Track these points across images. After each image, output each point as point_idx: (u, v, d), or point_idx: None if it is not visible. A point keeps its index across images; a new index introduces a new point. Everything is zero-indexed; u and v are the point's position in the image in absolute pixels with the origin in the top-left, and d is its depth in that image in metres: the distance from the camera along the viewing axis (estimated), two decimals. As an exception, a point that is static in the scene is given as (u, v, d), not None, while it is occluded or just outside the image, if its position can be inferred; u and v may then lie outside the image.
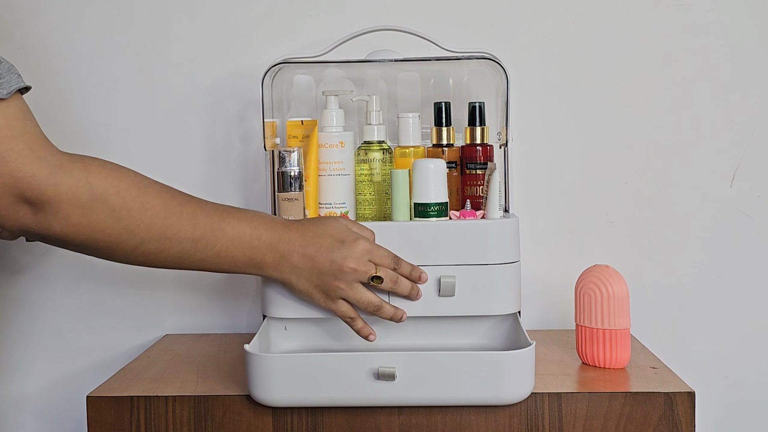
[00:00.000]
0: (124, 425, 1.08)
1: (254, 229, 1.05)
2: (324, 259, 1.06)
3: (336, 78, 1.35)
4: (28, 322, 1.44)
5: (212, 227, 1.02)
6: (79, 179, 0.92)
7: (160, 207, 0.98)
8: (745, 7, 1.39)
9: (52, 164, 0.92)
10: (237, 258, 1.04)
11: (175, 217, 0.99)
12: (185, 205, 1.01)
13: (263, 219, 1.06)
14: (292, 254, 1.06)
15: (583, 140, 1.40)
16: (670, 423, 1.05)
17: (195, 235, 1.00)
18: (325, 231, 1.08)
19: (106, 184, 0.94)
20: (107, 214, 0.94)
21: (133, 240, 0.97)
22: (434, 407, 1.06)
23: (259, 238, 1.05)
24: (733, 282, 1.41)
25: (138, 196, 0.96)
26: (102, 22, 1.40)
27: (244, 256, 1.04)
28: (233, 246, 1.03)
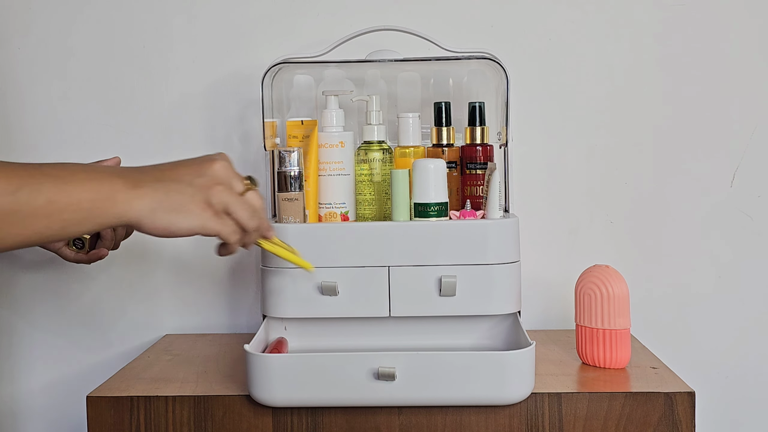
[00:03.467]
0: (124, 425, 1.08)
1: (84, 165, 0.87)
2: (187, 172, 0.90)
3: (336, 78, 1.35)
4: (28, 322, 1.44)
5: (30, 173, 0.82)
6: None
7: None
8: (744, 7, 1.39)
9: None
10: (80, 197, 0.83)
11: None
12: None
13: (87, 163, 0.88)
14: (146, 177, 0.87)
15: (583, 140, 1.40)
16: (670, 423, 1.05)
17: (10, 185, 0.80)
18: (178, 161, 0.93)
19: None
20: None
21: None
22: (434, 407, 1.06)
23: (94, 169, 0.86)
24: (733, 282, 1.41)
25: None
26: (102, 22, 1.41)
27: (87, 191, 0.84)
28: (66, 184, 0.83)
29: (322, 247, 1.13)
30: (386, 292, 1.14)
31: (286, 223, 1.15)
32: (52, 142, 1.41)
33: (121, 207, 0.86)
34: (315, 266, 1.10)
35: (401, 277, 1.13)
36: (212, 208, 0.90)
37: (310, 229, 1.15)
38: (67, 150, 1.41)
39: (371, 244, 1.13)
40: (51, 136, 1.41)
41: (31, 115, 1.41)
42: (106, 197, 0.85)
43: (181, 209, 0.88)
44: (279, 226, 1.15)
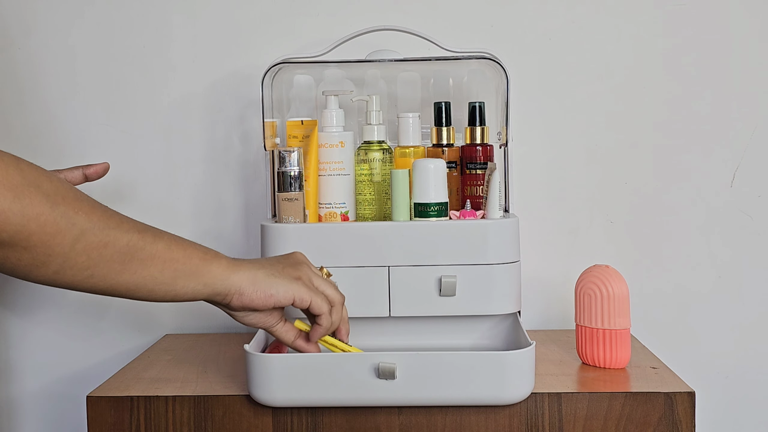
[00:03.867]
0: (124, 425, 1.08)
1: (190, 241, 0.95)
2: (274, 257, 1.03)
3: (336, 78, 1.35)
4: (28, 322, 1.44)
5: (149, 226, 0.91)
6: (9, 164, 0.79)
7: (94, 201, 0.86)
8: (744, 7, 1.39)
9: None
10: (191, 252, 0.92)
11: (111, 212, 0.87)
12: (113, 210, 0.89)
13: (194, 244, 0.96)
14: (241, 260, 0.99)
15: (583, 140, 1.40)
16: (670, 423, 1.05)
17: (138, 225, 0.89)
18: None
19: (37, 173, 0.81)
20: (41, 198, 0.80)
21: (72, 230, 0.82)
22: (434, 407, 1.06)
23: (201, 246, 0.96)
24: (733, 282, 1.41)
25: (70, 188, 0.84)
26: (102, 22, 1.41)
27: (197, 249, 0.94)
28: (180, 240, 0.92)
29: (322, 247, 1.13)
30: (386, 292, 1.14)
31: (286, 223, 1.15)
32: (52, 141, 1.41)
33: (226, 273, 0.96)
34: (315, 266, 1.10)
35: (401, 277, 1.13)
36: (302, 281, 1.00)
37: (310, 229, 1.15)
38: (67, 150, 1.41)
39: (371, 244, 1.13)
40: (51, 135, 1.41)
41: (32, 114, 1.41)
42: (212, 259, 0.95)
43: (278, 276, 0.98)
44: (279, 226, 1.15)
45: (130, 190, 1.42)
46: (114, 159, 1.41)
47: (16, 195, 0.78)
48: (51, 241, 0.81)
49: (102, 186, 1.41)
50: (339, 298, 1.03)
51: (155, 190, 1.42)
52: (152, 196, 1.42)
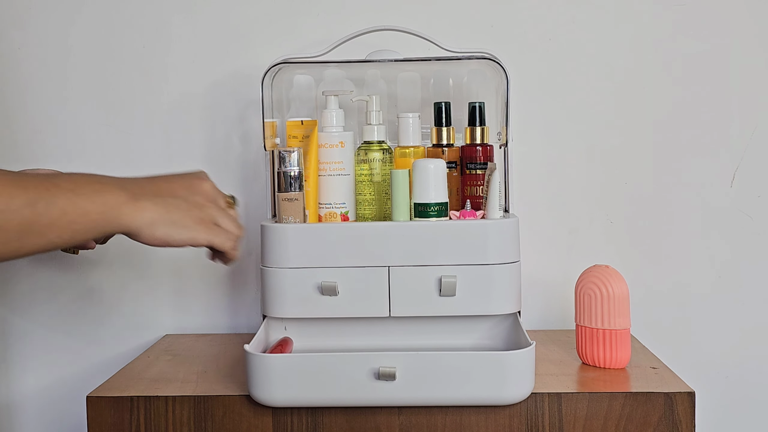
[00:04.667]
0: (124, 425, 1.08)
1: (90, 176, 0.93)
2: (182, 188, 0.99)
3: (336, 78, 1.35)
4: (28, 322, 1.44)
5: (45, 185, 0.88)
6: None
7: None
8: (745, 7, 1.39)
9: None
10: (89, 209, 0.90)
11: (2, 186, 0.84)
12: (7, 173, 0.87)
13: (91, 173, 0.95)
14: (145, 190, 0.95)
15: (583, 140, 1.40)
16: (670, 423, 1.05)
17: (29, 197, 0.85)
18: (167, 175, 1.02)
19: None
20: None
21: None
22: (434, 407, 1.06)
23: (100, 181, 0.92)
24: (733, 282, 1.41)
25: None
26: (102, 22, 1.41)
27: (95, 203, 0.90)
28: (77, 196, 0.89)
29: (322, 247, 1.13)
30: (386, 292, 1.13)
31: (286, 223, 1.15)
32: (52, 141, 1.41)
33: (125, 219, 0.93)
34: (315, 266, 1.10)
35: (401, 277, 1.13)
36: (204, 223, 0.99)
37: (310, 229, 1.15)
38: (67, 149, 1.41)
39: (371, 244, 1.13)
40: (51, 135, 1.41)
41: (31, 114, 1.41)
42: (111, 208, 0.92)
43: (178, 223, 0.97)
44: (279, 226, 1.15)
45: (130, 190, 1.42)
46: (113, 159, 1.42)
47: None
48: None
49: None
50: (238, 231, 1.02)
51: (155, 190, 1.42)
52: (152, 196, 1.42)
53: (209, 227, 0.99)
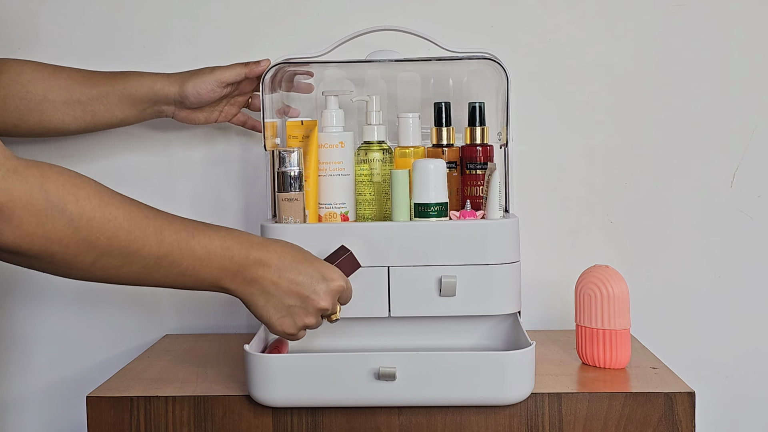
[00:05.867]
0: (124, 425, 1.08)
1: (227, 249, 0.99)
2: (301, 289, 1.03)
3: (336, 78, 1.35)
4: (28, 322, 1.44)
5: (180, 244, 0.95)
6: (34, 185, 0.83)
7: (124, 218, 0.90)
8: (744, 7, 1.39)
9: (5, 168, 0.82)
10: (204, 278, 0.99)
11: (140, 231, 0.92)
12: (152, 218, 0.93)
13: (238, 238, 1.01)
14: (266, 278, 1.02)
15: (583, 140, 1.40)
16: (670, 423, 1.05)
17: (161, 251, 0.94)
18: (305, 258, 1.05)
19: (63, 192, 0.86)
20: (65, 224, 0.86)
21: (92, 253, 0.89)
22: (434, 407, 1.06)
23: (231, 259, 0.99)
24: (733, 282, 1.41)
25: (99, 206, 0.88)
26: (102, 22, 1.40)
27: (212, 276, 0.99)
28: (201, 265, 0.97)
29: (323, 247, 1.13)
30: (386, 292, 1.13)
31: (286, 223, 1.15)
32: (52, 141, 1.41)
33: (231, 291, 1.02)
34: None
35: (401, 277, 1.13)
36: (294, 327, 1.05)
37: (310, 229, 1.15)
38: (69, 150, 1.41)
39: (371, 244, 1.13)
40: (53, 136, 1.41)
41: (31, 115, 1.41)
42: (222, 288, 1.01)
43: (269, 317, 1.04)
44: (279, 226, 1.15)
45: (130, 190, 1.42)
46: (114, 159, 1.42)
47: (39, 220, 0.84)
48: (72, 260, 0.88)
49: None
50: (309, 329, 1.08)
51: (155, 191, 1.42)
52: (152, 196, 1.41)
53: (290, 328, 1.04)
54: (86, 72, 1.26)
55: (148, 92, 1.25)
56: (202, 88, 1.25)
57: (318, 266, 1.05)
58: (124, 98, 1.25)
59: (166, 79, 1.26)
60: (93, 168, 1.41)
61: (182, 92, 1.25)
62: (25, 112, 1.23)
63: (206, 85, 1.25)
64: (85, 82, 1.25)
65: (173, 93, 1.25)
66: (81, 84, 1.24)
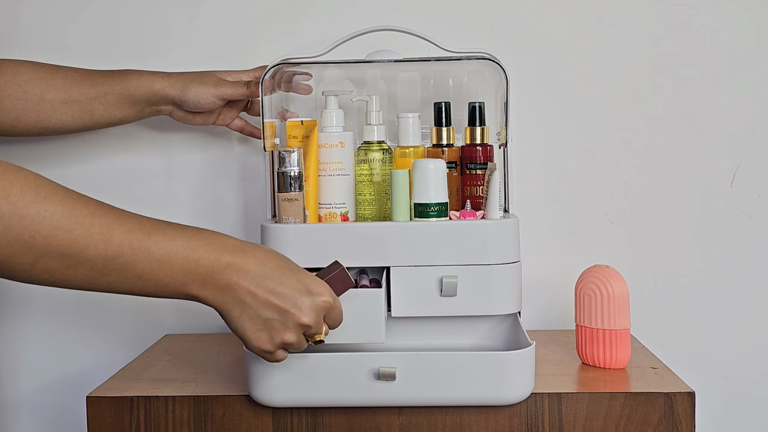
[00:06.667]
0: (124, 425, 1.08)
1: (191, 250, 0.90)
2: (281, 302, 0.93)
3: (336, 78, 1.35)
4: (27, 321, 1.44)
5: (132, 245, 0.86)
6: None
7: (63, 215, 0.82)
8: (744, 8, 1.39)
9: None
10: (166, 283, 0.89)
11: (83, 229, 0.83)
12: (98, 216, 0.84)
13: (207, 239, 0.91)
14: (241, 286, 0.92)
15: (583, 140, 1.40)
16: (670, 423, 1.05)
17: (108, 252, 0.84)
18: (289, 267, 0.95)
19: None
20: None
21: (29, 254, 0.81)
22: (434, 407, 1.06)
23: (197, 262, 0.90)
24: (733, 282, 1.41)
25: (34, 202, 0.80)
26: (101, 22, 1.40)
27: (175, 281, 0.90)
28: (160, 269, 0.88)
29: (322, 247, 1.13)
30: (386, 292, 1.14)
31: (286, 223, 1.15)
32: (52, 141, 1.41)
33: (204, 301, 0.94)
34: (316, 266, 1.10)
35: (401, 277, 1.13)
36: (271, 344, 0.95)
37: (310, 229, 1.15)
38: (67, 150, 1.41)
39: (371, 244, 1.13)
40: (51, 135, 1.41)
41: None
42: (191, 296, 0.92)
43: (243, 330, 0.94)
44: (279, 226, 1.15)
45: (130, 190, 1.42)
46: (113, 159, 1.42)
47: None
48: (9, 261, 0.81)
49: (101, 186, 1.41)
50: (291, 350, 0.98)
51: (154, 191, 1.42)
52: (152, 196, 1.42)
53: (267, 344, 0.95)
54: (84, 71, 1.26)
55: (147, 92, 1.25)
56: (203, 99, 1.25)
57: (303, 278, 0.95)
58: (122, 98, 1.25)
59: (166, 80, 1.26)
60: (92, 168, 1.41)
61: (182, 97, 1.25)
62: (23, 112, 1.23)
63: (207, 98, 1.25)
64: (83, 81, 1.25)
65: (173, 95, 1.25)
66: (79, 84, 1.24)
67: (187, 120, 1.30)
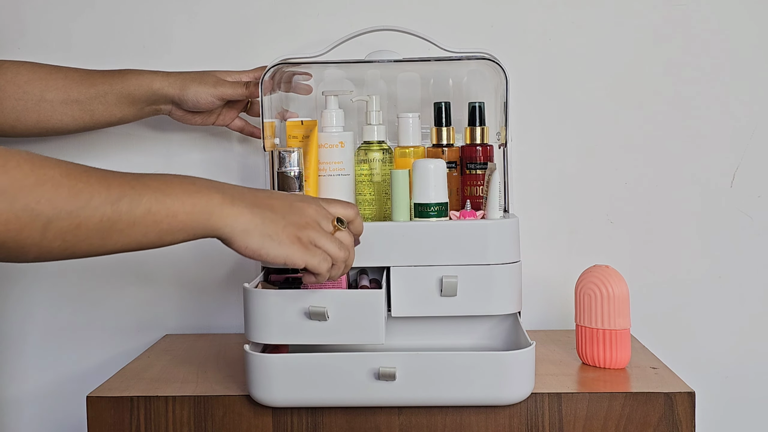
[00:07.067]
0: (124, 425, 1.08)
1: (183, 177, 0.90)
2: (281, 205, 0.95)
3: (336, 78, 1.35)
4: (27, 321, 1.44)
5: (131, 183, 0.86)
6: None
7: (62, 175, 0.81)
8: (744, 8, 1.39)
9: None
10: (176, 210, 0.88)
11: (83, 183, 0.82)
12: (92, 170, 0.85)
13: (186, 175, 0.92)
14: (243, 197, 0.93)
15: (583, 140, 1.40)
16: (670, 423, 1.05)
17: (111, 195, 0.84)
18: (270, 190, 0.99)
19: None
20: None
21: (37, 221, 0.79)
22: (434, 407, 1.06)
23: (194, 183, 0.90)
24: (733, 282, 1.41)
25: (32, 170, 0.80)
26: (102, 22, 1.41)
27: (184, 204, 0.88)
28: (165, 196, 0.87)
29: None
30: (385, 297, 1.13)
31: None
32: (52, 141, 1.41)
33: (216, 221, 0.90)
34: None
35: (401, 278, 1.13)
36: (301, 242, 0.94)
37: (310, 229, 1.14)
38: (68, 150, 1.41)
39: (371, 244, 1.13)
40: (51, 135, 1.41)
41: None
42: (201, 210, 0.89)
43: (274, 238, 0.93)
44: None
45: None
46: (112, 159, 1.42)
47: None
48: (18, 236, 0.79)
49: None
50: (341, 254, 0.98)
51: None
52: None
53: (306, 247, 0.95)
54: (84, 71, 1.26)
55: (146, 91, 1.25)
56: (202, 98, 1.25)
57: (288, 194, 1.00)
58: (122, 98, 1.25)
59: (166, 79, 1.26)
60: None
61: (182, 96, 1.25)
62: (23, 112, 1.23)
63: (206, 97, 1.26)
64: (83, 81, 1.25)
65: (172, 94, 1.25)
66: (79, 84, 1.24)
67: (187, 120, 1.30)
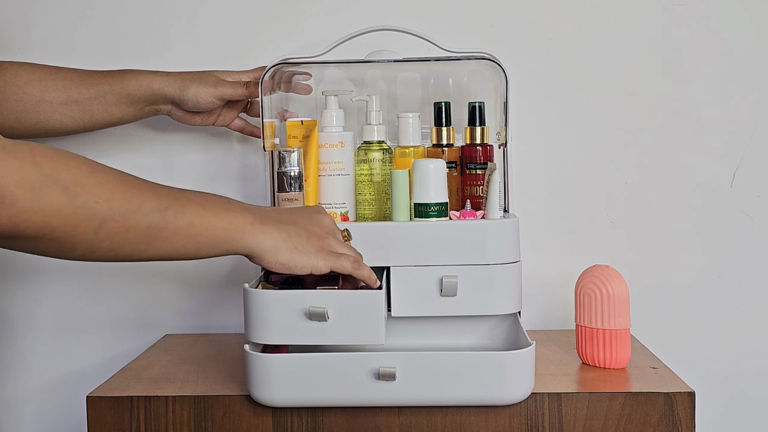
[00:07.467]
0: (124, 425, 1.08)
1: (219, 197, 1.00)
2: (303, 219, 1.05)
3: (336, 78, 1.35)
4: (27, 322, 1.44)
5: (176, 195, 0.94)
6: (25, 160, 0.82)
7: (117, 181, 0.89)
8: (744, 8, 1.39)
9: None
10: (215, 225, 0.96)
11: (135, 189, 0.90)
12: (141, 180, 0.93)
13: (219, 195, 1.03)
14: (269, 216, 1.02)
15: (583, 140, 1.40)
16: (670, 423, 1.05)
17: (160, 204, 0.92)
18: (289, 208, 1.09)
19: (55, 163, 0.84)
20: (60, 193, 0.84)
21: (93, 219, 0.86)
22: (434, 407, 1.06)
23: (228, 202, 1.00)
24: (733, 282, 1.41)
25: (91, 172, 0.87)
26: (102, 22, 1.41)
27: (222, 220, 0.96)
28: (205, 210, 0.95)
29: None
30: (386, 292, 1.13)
31: (286, 223, 1.15)
32: (53, 142, 1.41)
33: (249, 240, 0.99)
34: None
35: (401, 277, 1.13)
36: (323, 251, 1.03)
37: (310, 229, 1.15)
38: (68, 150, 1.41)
39: (371, 244, 1.13)
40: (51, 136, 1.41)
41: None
42: (237, 228, 0.98)
43: (300, 250, 1.01)
44: (279, 226, 1.14)
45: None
46: (112, 160, 1.42)
47: (35, 194, 0.82)
48: (73, 231, 0.85)
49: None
50: (358, 256, 1.07)
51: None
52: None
53: (329, 254, 1.03)
54: (83, 72, 1.26)
55: (146, 91, 1.25)
56: (202, 98, 1.26)
57: (304, 208, 1.09)
58: (122, 98, 1.25)
59: (165, 79, 1.26)
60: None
61: (181, 96, 1.25)
62: (22, 113, 1.23)
63: (206, 97, 1.26)
64: (83, 82, 1.25)
65: (172, 94, 1.25)
66: (78, 84, 1.24)
67: (187, 120, 1.30)
